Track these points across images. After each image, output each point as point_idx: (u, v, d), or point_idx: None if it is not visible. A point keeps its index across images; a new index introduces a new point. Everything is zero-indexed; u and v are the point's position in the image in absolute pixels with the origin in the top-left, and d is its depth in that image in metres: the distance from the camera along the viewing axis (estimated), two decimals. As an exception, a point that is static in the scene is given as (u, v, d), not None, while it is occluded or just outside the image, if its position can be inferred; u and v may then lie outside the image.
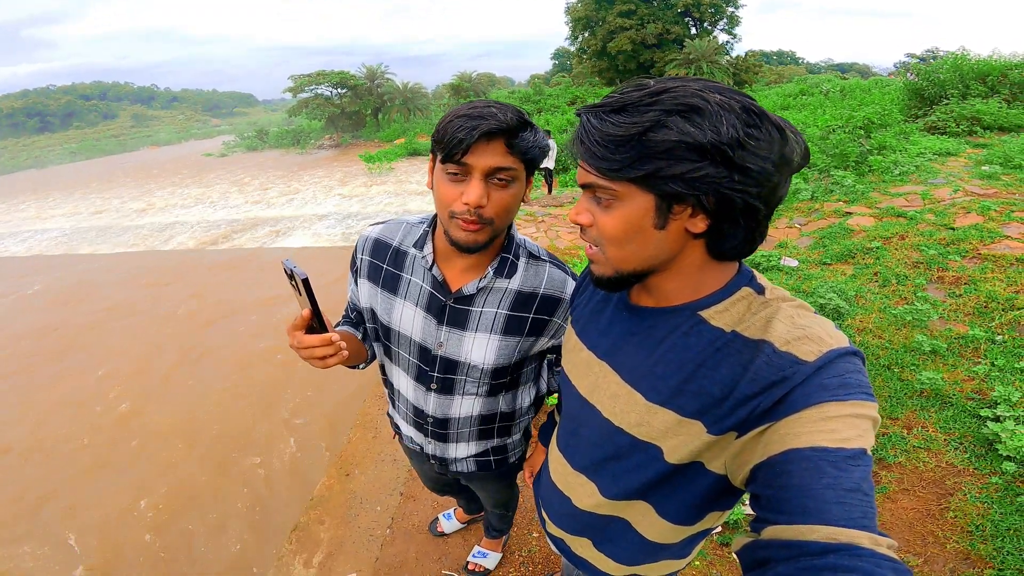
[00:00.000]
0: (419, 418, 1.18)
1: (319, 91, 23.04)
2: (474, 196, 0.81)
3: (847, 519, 0.46)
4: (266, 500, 2.68)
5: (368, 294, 1.08)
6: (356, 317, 1.18)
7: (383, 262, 1.05)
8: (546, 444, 1.19)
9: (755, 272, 0.68)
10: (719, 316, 0.64)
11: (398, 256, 1.03)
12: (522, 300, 0.99)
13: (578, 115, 0.61)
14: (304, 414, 3.38)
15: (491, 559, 1.98)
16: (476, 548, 2.01)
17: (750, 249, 0.62)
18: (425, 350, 1.04)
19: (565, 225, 6.17)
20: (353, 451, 2.83)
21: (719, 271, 0.65)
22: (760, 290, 0.64)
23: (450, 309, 0.99)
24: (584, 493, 0.81)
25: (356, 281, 1.12)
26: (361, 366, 1.17)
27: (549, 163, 8.63)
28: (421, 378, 1.09)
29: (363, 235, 1.09)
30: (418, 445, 1.28)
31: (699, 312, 0.65)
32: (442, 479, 1.56)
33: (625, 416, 0.71)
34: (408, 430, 1.27)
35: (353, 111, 23.12)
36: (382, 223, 1.09)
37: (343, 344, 0.85)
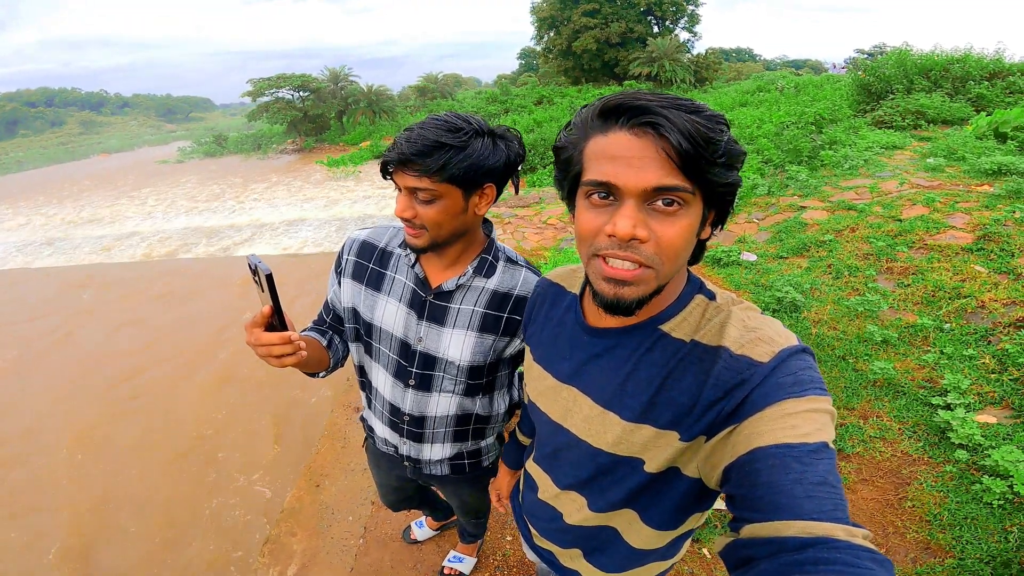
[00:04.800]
0: (395, 416, 1.19)
1: (280, 95, 22.43)
2: (398, 208, 0.93)
3: (819, 512, 0.47)
4: (235, 513, 2.60)
5: (351, 293, 1.13)
6: (332, 319, 1.21)
7: (369, 262, 1.11)
8: (511, 466, 1.19)
9: (702, 279, 0.69)
10: (679, 328, 0.66)
11: (384, 256, 1.10)
12: (498, 300, 1.04)
13: (639, 105, 0.53)
14: (271, 425, 3.28)
15: (467, 564, 2.00)
16: (452, 553, 2.03)
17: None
18: (405, 345, 1.09)
19: (531, 226, 6.16)
20: (322, 462, 2.78)
21: (680, 281, 0.67)
22: (711, 296, 0.67)
23: (430, 305, 1.05)
24: (574, 508, 0.82)
25: (339, 281, 1.16)
26: (321, 374, 1.19)
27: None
28: (400, 374, 1.13)
29: (350, 237, 1.16)
30: (392, 446, 1.28)
31: (660, 326, 0.66)
32: (402, 493, 1.57)
33: (601, 437, 0.71)
34: (383, 431, 1.27)
35: (316, 114, 22.59)
36: (369, 228, 1.16)
37: (302, 344, 0.87)
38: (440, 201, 0.91)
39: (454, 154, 0.88)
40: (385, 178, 0.94)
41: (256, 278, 0.79)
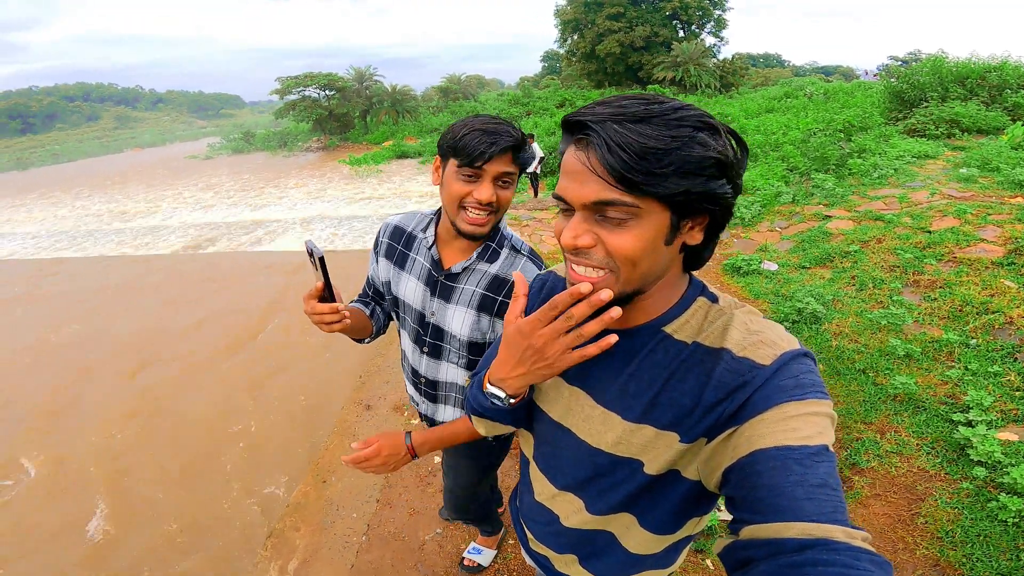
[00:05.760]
0: (415, 377, 1.36)
1: (306, 93, 22.86)
2: (487, 195, 1.03)
3: (819, 514, 0.47)
4: (241, 506, 2.65)
5: (385, 269, 1.29)
6: (373, 292, 1.38)
7: (398, 244, 1.27)
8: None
9: (703, 282, 0.70)
10: (681, 330, 0.66)
11: (410, 239, 1.26)
12: (497, 283, 1.15)
13: (579, 120, 0.55)
14: (281, 420, 3.34)
15: (485, 556, 2.05)
16: (472, 544, 2.09)
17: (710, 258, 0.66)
18: (422, 316, 1.24)
19: (548, 229, 6.17)
20: (330, 458, 2.81)
21: (679, 284, 0.67)
22: (714, 299, 0.67)
23: (441, 284, 1.19)
24: (571, 510, 0.81)
25: (377, 260, 1.32)
26: (366, 340, 1.37)
27: (534, 167, 8.63)
28: (417, 341, 1.29)
29: (386, 222, 1.32)
30: (416, 404, 1.45)
31: (663, 328, 0.67)
32: None
33: (602, 437, 0.71)
34: (410, 390, 1.44)
35: (341, 113, 22.97)
36: (402, 214, 1.32)
37: (347, 314, 1.05)
38: (513, 185, 1.09)
39: (528, 146, 1.09)
40: (473, 165, 1.01)
41: (312, 259, 0.95)
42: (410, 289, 1.24)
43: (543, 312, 0.61)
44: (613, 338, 0.60)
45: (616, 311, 0.58)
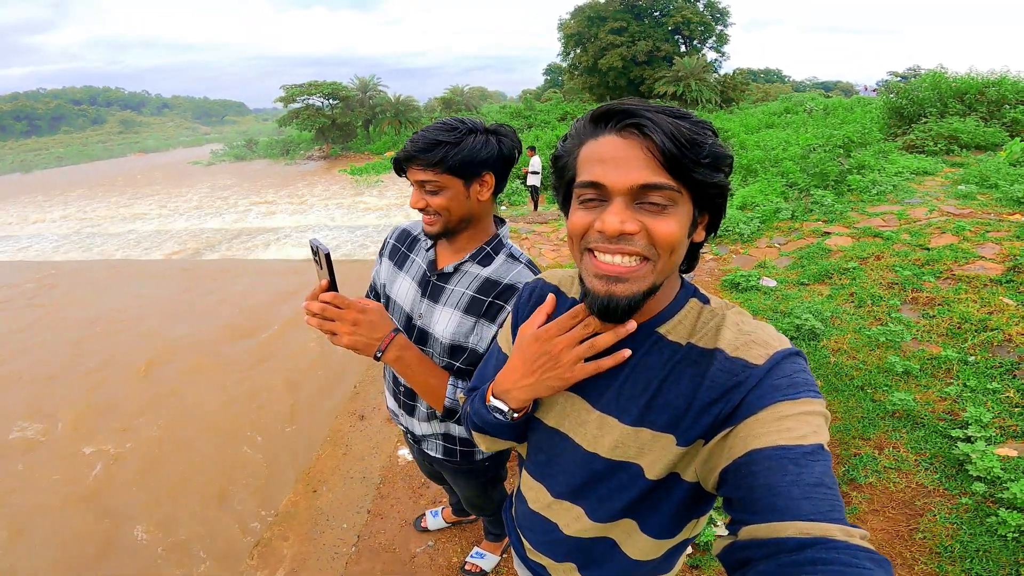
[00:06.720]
0: (396, 385, 1.35)
1: (310, 101, 23.05)
2: (412, 201, 1.11)
3: (816, 513, 0.47)
4: (229, 515, 2.63)
5: (385, 270, 1.31)
6: (374, 296, 1.37)
7: (402, 245, 1.30)
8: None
9: (695, 284, 0.71)
10: (675, 330, 0.66)
11: (413, 241, 1.29)
12: (488, 286, 1.13)
13: (627, 110, 0.57)
14: (273, 429, 3.33)
15: (488, 560, 2.03)
16: (475, 549, 2.07)
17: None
18: (409, 319, 1.23)
19: (548, 243, 6.18)
20: (322, 468, 2.79)
21: (673, 285, 0.68)
22: (705, 300, 0.68)
23: (432, 284, 1.19)
24: (571, 518, 0.80)
25: (380, 261, 1.34)
26: None
27: (535, 180, 8.65)
28: None
29: (396, 226, 1.36)
30: (395, 416, 1.42)
31: (657, 329, 0.67)
32: (427, 467, 1.66)
33: (598, 441, 0.71)
34: (390, 401, 1.42)
35: (344, 122, 23.14)
36: (413, 221, 1.33)
37: None
38: (445, 191, 1.06)
39: (449, 149, 1.03)
40: (400, 175, 1.10)
41: (316, 257, 0.93)
42: (403, 289, 1.24)
43: (564, 320, 0.65)
44: (627, 352, 0.62)
45: (632, 324, 0.60)
